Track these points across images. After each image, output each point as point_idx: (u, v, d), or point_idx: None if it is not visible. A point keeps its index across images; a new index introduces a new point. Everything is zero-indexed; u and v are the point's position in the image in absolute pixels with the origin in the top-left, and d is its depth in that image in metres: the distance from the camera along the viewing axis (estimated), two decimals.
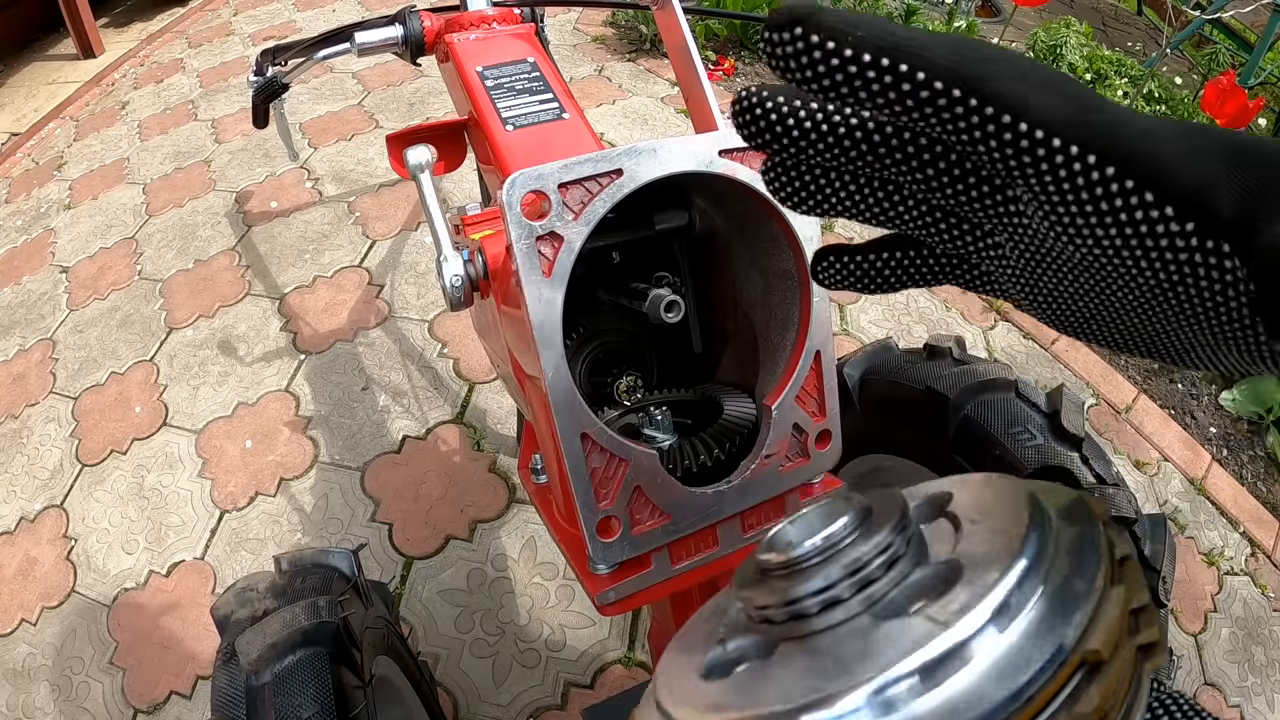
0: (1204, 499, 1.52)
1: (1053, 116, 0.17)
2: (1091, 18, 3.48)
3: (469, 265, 0.58)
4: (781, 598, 0.19)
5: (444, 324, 1.77)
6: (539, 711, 1.16)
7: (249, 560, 1.38)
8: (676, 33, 0.73)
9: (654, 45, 2.75)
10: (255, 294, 1.90)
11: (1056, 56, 2.65)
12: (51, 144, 2.66)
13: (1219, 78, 1.66)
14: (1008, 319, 1.81)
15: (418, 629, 1.26)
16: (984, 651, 0.16)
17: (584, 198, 0.45)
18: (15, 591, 1.39)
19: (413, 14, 0.87)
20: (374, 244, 2.00)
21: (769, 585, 0.20)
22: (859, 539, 0.19)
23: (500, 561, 1.34)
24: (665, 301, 0.52)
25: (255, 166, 2.33)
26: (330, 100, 2.62)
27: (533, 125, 0.72)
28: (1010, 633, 0.16)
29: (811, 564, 0.19)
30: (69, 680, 1.26)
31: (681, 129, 2.35)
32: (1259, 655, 1.33)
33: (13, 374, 1.79)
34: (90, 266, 2.05)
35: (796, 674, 0.18)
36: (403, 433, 1.55)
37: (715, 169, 0.47)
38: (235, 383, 1.69)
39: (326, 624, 0.67)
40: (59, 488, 1.54)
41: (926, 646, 0.16)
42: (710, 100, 0.69)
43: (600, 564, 0.51)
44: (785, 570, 0.19)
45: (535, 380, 0.51)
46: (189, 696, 1.21)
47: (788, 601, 0.19)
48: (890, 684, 0.16)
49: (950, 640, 0.16)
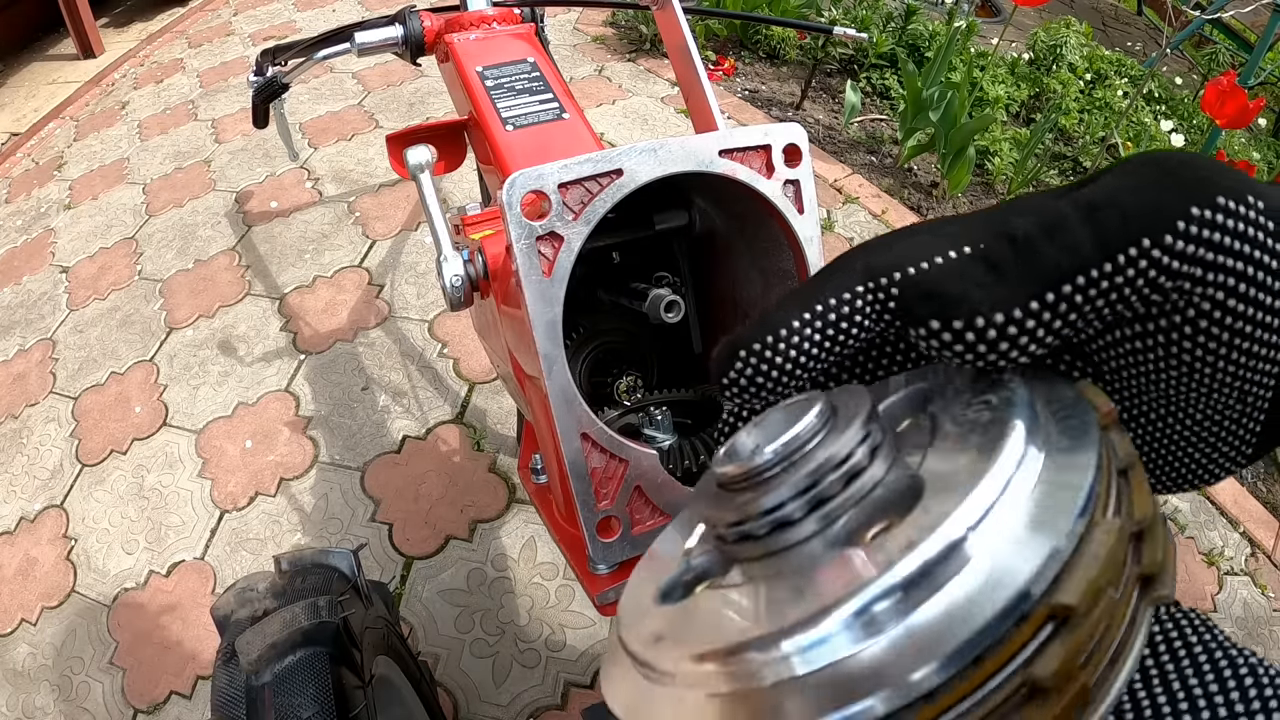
0: (1204, 499, 1.52)
1: (983, 303, 0.16)
2: (1091, 18, 3.48)
3: (469, 265, 0.58)
4: (739, 515, 0.17)
5: (444, 324, 1.77)
6: (539, 711, 1.16)
7: (249, 560, 1.38)
8: (676, 33, 0.73)
9: (654, 45, 2.75)
10: (255, 294, 1.90)
11: (1056, 56, 2.65)
12: (51, 144, 2.66)
13: (1219, 78, 1.66)
14: None
15: (418, 629, 1.26)
16: (926, 610, 0.13)
17: (584, 198, 0.45)
18: (15, 591, 1.39)
19: (413, 14, 0.87)
20: (374, 244, 2.00)
21: (727, 500, 0.17)
22: (820, 446, 0.16)
23: (500, 561, 1.34)
24: (665, 301, 0.52)
25: (255, 166, 2.33)
26: (330, 100, 2.62)
27: (533, 125, 0.72)
28: (963, 579, 0.13)
29: (771, 475, 0.17)
30: (69, 680, 1.26)
31: (681, 129, 2.35)
32: (1259, 655, 1.33)
33: (13, 374, 1.79)
34: (90, 266, 2.05)
35: (748, 601, 0.16)
36: (403, 433, 1.55)
37: (715, 169, 0.47)
38: (235, 383, 1.69)
39: (326, 624, 0.67)
40: (59, 488, 1.54)
41: (855, 592, 0.14)
42: (710, 100, 0.69)
43: (600, 564, 0.51)
44: (743, 483, 0.17)
45: (535, 380, 0.51)
46: (189, 696, 1.21)
47: (741, 521, 0.17)
48: (814, 628, 0.14)
49: (878, 589, 0.13)
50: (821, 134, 2.38)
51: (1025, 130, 2.37)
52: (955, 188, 2.09)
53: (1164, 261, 0.15)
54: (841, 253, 0.18)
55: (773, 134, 0.47)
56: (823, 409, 0.17)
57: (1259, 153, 2.56)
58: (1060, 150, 2.40)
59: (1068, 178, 2.30)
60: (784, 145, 0.47)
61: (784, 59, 2.76)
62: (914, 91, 2.09)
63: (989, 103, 2.38)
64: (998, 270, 0.16)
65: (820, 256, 0.49)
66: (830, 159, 2.26)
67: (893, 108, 2.48)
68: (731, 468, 0.17)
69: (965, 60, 2.33)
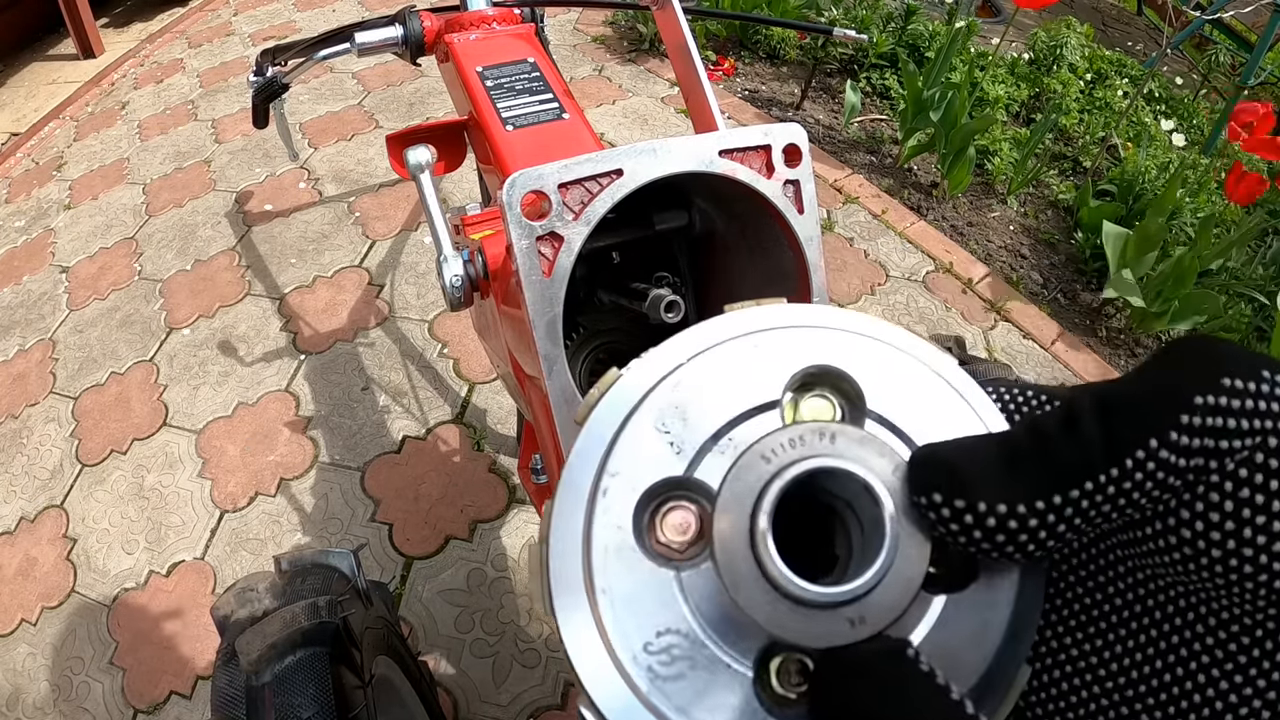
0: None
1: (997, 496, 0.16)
2: (1091, 18, 3.48)
3: (469, 265, 0.58)
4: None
5: (444, 324, 1.77)
6: (539, 711, 1.16)
7: (249, 560, 1.38)
8: (676, 33, 0.73)
9: (654, 45, 2.75)
10: (255, 294, 1.90)
11: (1057, 56, 2.65)
12: (51, 144, 2.66)
13: (1253, 105, 1.54)
14: (1008, 319, 1.81)
15: (418, 629, 1.26)
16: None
17: (584, 198, 0.45)
18: (15, 591, 1.39)
19: (413, 14, 0.87)
20: (374, 244, 2.00)
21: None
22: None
23: (500, 561, 1.34)
24: (665, 301, 0.52)
25: (255, 166, 2.33)
26: (330, 100, 2.62)
27: (532, 125, 0.71)
28: None
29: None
30: (69, 680, 1.26)
31: (681, 129, 2.35)
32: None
33: (13, 374, 1.79)
34: (90, 266, 2.05)
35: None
36: (403, 433, 1.55)
37: (715, 169, 0.47)
38: (235, 383, 1.69)
39: (326, 624, 0.67)
40: (59, 488, 1.54)
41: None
42: (710, 100, 0.69)
43: None
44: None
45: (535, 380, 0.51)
46: (189, 696, 1.21)
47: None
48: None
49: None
50: (821, 134, 2.38)
51: (1025, 130, 2.37)
52: (955, 188, 2.09)
53: (1171, 460, 0.14)
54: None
55: (773, 134, 0.47)
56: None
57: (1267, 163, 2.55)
58: (1060, 150, 2.39)
59: (1068, 178, 2.30)
60: (784, 145, 0.47)
61: (784, 59, 2.76)
62: (914, 91, 2.09)
63: (989, 103, 2.38)
64: (1012, 462, 0.15)
65: (820, 256, 0.49)
66: (830, 159, 2.26)
67: (893, 108, 2.48)
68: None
69: (965, 60, 2.33)
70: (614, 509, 0.18)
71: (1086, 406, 0.15)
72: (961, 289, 1.87)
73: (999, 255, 2.00)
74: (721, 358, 0.20)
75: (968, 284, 1.89)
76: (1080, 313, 1.86)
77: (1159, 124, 2.45)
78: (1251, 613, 0.15)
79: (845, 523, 0.19)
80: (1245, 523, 0.14)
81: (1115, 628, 0.18)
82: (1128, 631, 0.17)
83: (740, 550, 0.16)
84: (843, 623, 0.16)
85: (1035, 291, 1.90)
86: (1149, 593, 0.17)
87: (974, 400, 0.19)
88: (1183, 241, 1.90)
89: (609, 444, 0.19)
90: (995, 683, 0.17)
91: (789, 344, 0.20)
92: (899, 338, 0.20)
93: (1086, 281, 1.94)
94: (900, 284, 1.88)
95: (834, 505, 0.18)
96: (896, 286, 1.87)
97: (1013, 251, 2.02)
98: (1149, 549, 0.16)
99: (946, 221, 2.08)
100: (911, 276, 1.90)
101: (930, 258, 1.95)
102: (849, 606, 0.16)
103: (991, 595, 0.17)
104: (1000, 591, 0.17)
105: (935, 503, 0.16)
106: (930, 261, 1.94)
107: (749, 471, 0.17)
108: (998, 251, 2.01)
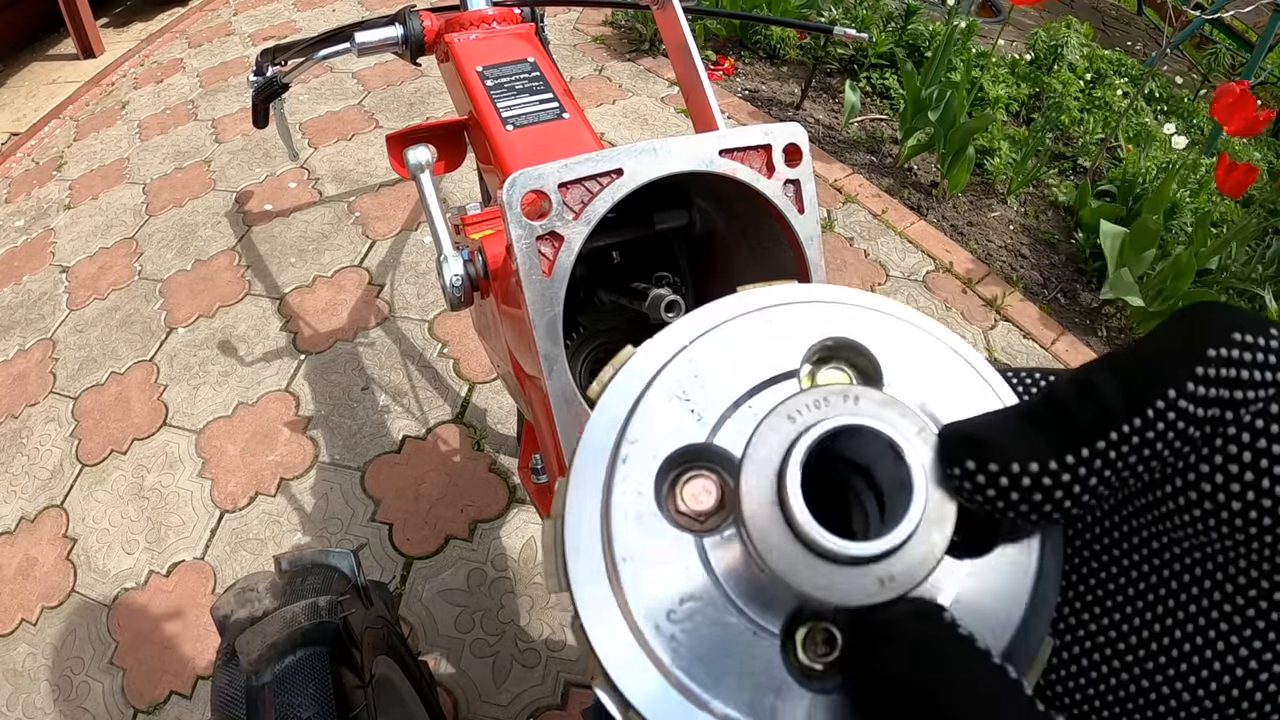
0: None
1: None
2: (1091, 18, 3.48)
3: (469, 265, 0.58)
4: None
5: (444, 324, 1.77)
6: (539, 711, 1.16)
7: (249, 560, 1.38)
8: (676, 33, 0.73)
9: (654, 45, 2.75)
10: (255, 294, 1.90)
11: (1056, 56, 2.65)
12: (51, 144, 2.66)
13: (1230, 85, 1.61)
14: (1008, 319, 1.81)
15: (418, 629, 1.26)
16: None
17: (584, 197, 0.45)
18: (15, 591, 1.39)
19: (413, 14, 0.87)
20: (374, 244, 2.00)
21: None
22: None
23: (500, 561, 1.34)
24: (665, 301, 0.52)
25: (255, 166, 2.33)
26: (330, 100, 2.62)
27: (532, 125, 0.71)
28: None
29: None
30: (69, 680, 1.26)
31: (681, 129, 2.35)
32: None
33: (13, 374, 1.79)
34: (90, 266, 2.05)
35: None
36: (403, 433, 1.55)
37: (715, 169, 0.47)
38: (235, 383, 1.69)
39: (326, 624, 0.67)
40: (59, 488, 1.54)
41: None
42: (710, 100, 0.69)
43: None
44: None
45: (535, 380, 0.51)
46: (189, 696, 1.21)
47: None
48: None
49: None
50: (821, 134, 2.38)
51: (1025, 130, 2.37)
52: (955, 187, 2.09)
53: (1190, 410, 0.15)
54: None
55: (773, 133, 0.47)
56: None
57: (1259, 153, 2.55)
58: (1060, 150, 2.39)
59: (1068, 178, 2.30)
60: (784, 145, 0.47)
61: (784, 59, 2.76)
62: (914, 91, 2.09)
63: (989, 102, 2.38)
64: (1036, 426, 0.16)
65: (820, 256, 0.49)
66: (830, 159, 2.26)
67: (893, 108, 2.48)
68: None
69: (965, 60, 2.33)
70: (634, 475, 0.18)
71: (1101, 369, 0.16)
72: (961, 289, 1.88)
73: (999, 255, 2.00)
74: (738, 331, 0.20)
75: (968, 284, 1.89)
76: (1080, 312, 1.86)
77: (1159, 124, 2.45)
78: (1271, 573, 0.15)
79: (861, 498, 0.19)
80: (1264, 472, 0.14)
81: (1134, 599, 0.18)
82: (1146, 604, 0.18)
83: (768, 507, 0.16)
84: (873, 580, 0.15)
85: (1035, 291, 1.90)
86: (1165, 562, 0.17)
87: (987, 375, 0.19)
88: (1182, 241, 1.90)
89: (627, 414, 0.19)
90: (1017, 658, 0.17)
91: (804, 318, 0.20)
92: (911, 314, 0.20)
93: (1086, 281, 1.94)
94: (900, 284, 1.88)
95: (849, 479, 0.19)
96: (896, 286, 1.87)
97: (1013, 251, 2.02)
98: (1168, 509, 0.16)
99: (946, 221, 2.08)
100: (911, 276, 1.90)
101: (930, 257, 1.95)
102: (879, 563, 0.16)
103: (1012, 562, 0.17)
104: (1020, 558, 0.17)
105: (969, 470, 0.16)
106: (930, 261, 1.94)
107: (775, 431, 0.17)
108: (998, 251, 2.01)
